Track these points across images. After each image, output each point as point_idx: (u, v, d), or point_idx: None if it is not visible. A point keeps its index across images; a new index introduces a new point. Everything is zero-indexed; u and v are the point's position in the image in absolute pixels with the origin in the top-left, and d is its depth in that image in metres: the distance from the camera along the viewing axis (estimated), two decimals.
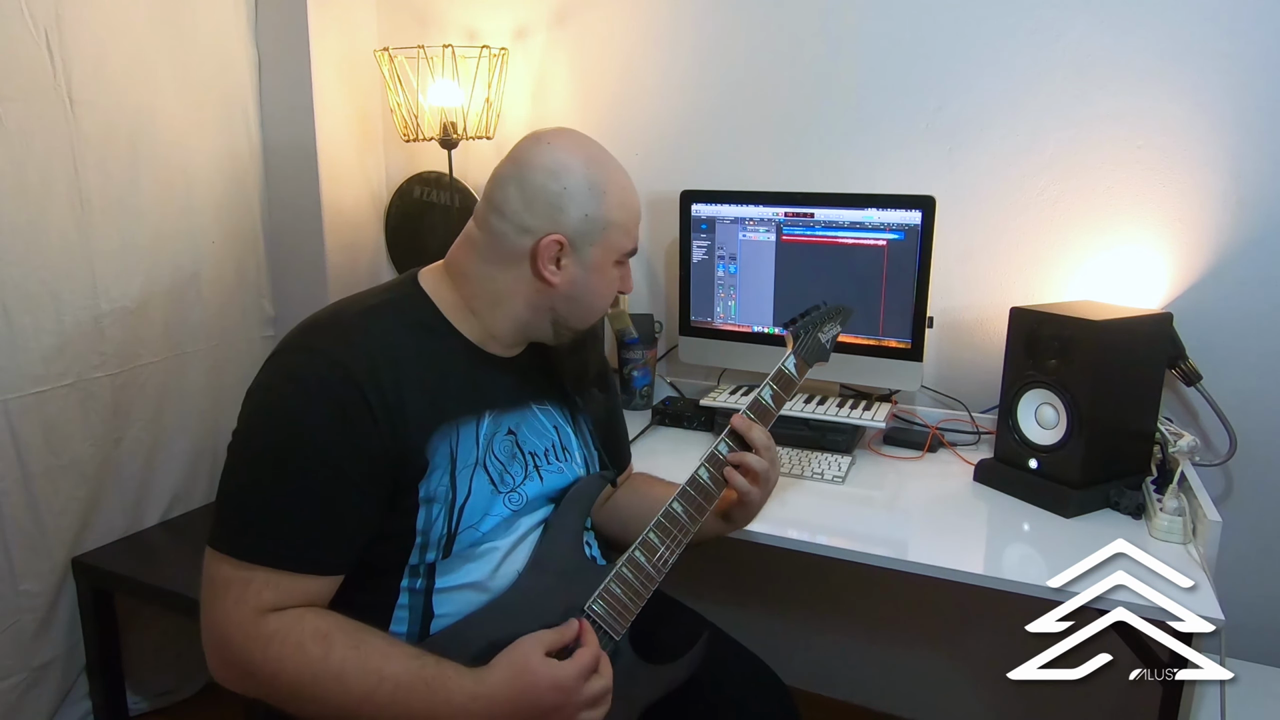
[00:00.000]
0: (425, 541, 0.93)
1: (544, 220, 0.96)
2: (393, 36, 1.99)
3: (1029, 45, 1.55)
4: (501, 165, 1.01)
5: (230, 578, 0.86)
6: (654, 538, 1.03)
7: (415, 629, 0.95)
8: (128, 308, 1.69)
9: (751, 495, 1.11)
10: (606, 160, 1.01)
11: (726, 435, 1.11)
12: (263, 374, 0.92)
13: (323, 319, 0.97)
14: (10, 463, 1.52)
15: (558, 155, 0.98)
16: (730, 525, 1.18)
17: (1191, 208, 1.50)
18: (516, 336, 1.04)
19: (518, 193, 0.97)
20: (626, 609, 1.01)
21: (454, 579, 0.96)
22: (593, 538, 1.13)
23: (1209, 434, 1.54)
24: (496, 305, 1.00)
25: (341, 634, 0.86)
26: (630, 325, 1.80)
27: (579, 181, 0.97)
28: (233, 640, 0.85)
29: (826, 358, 1.22)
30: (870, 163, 1.71)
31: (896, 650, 1.89)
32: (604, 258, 1.01)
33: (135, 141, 1.68)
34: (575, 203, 0.97)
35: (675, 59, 1.84)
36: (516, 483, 1.00)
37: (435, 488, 0.93)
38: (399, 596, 0.95)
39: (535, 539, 1.02)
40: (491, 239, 0.99)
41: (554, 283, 0.98)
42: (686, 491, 1.06)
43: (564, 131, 1.02)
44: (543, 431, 1.07)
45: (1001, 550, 1.33)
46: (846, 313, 1.25)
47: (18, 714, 1.59)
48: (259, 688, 0.87)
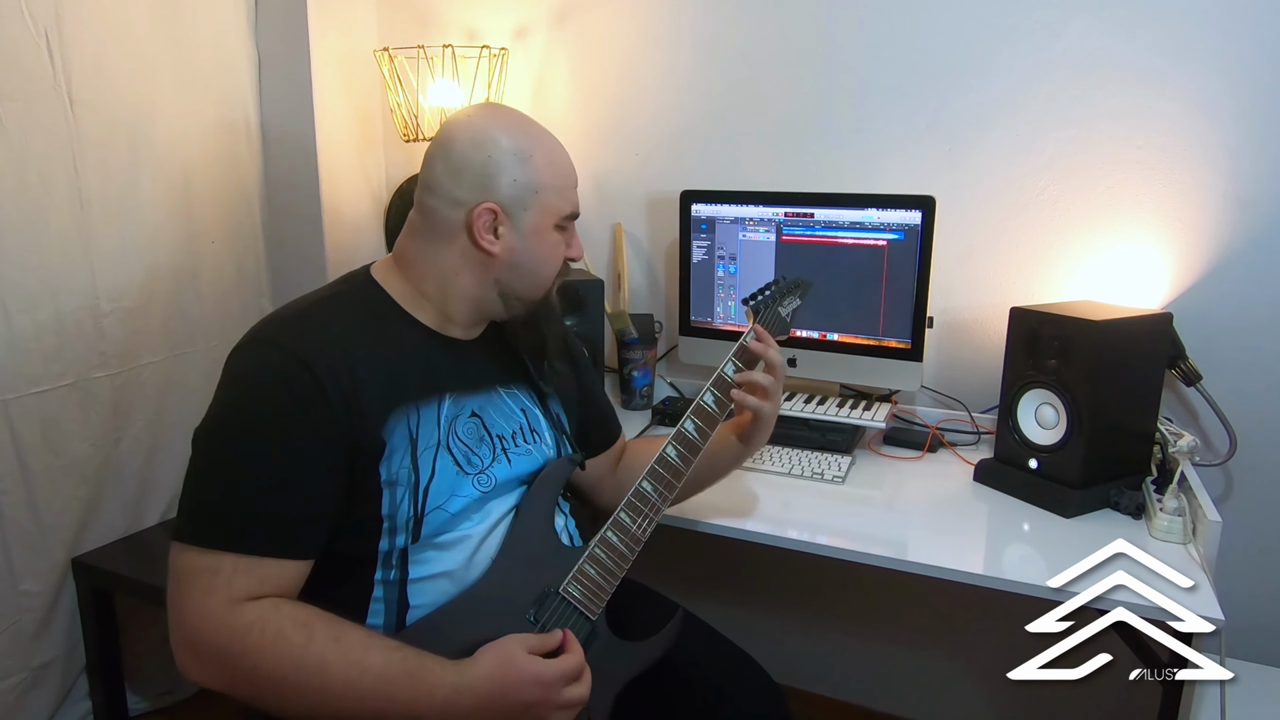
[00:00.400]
0: (392, 525, 0.94)
1: (474, 190, 0.98)
2: (393, 36, 1.99)
3: (1029, 45, 1.55)
4: (430, 146, 1.02)
5: (198, 567, 0.86)
6: (625, 517, 1.05)
7: (391, 620, 0.95)
8: (128, 308, 1.69)
9: (764, 410, 1.13)
10: (530, 126, 1.03)
11: (733, 356, 1.13)
12: (223, 372, 0.94)
13: (277, 314, 1.00)
14: (10, 463, 1.52)
15: (478, 124, 0.99)
16: (749, 448, 1.21)
17: (1191, 208, 1.50)
18: (472, 316, 1.05)
19: (444, 166, 0.99)
20: (601, 589, 1.02)
21: (428, 569, 0.96)
22: (571, 521, 1.14)
23: (1209, 434, 1.54)
24: (444, 285, 1.02)
25: (322, 624, 0.86)
26: (630, 325, 1.81)
27: (502, 148, 0.98)
28: (205, 631, 0.85)
29: (787, 331, 1.22)
30: (870, 163, 1.71)
31: (896, 650, 1.89)
32: (541, 222, 1.02)
33: (135, 141, 1.68)
34: (502, 169, 0.98)
35: (675, 59, 1.84)
36: (485, 464, 1.01)
37: (396, 470, 0.94)
38: (374, 589, 0.95)
39: (507, 525, 1.03)
40: (427, 218, 1.00)
41: (494, 252, 1.00)
42: (655, 470, 1.07)
43: (486, 105, 1.05)
44: (510, 414, 1.07)
45: (1001, 550, 1.33)
46: (805, 286, 1.26)
47: (18, 714, 1.59)
48: (236, 681, 0.86)
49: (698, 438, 1.09)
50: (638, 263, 1.95)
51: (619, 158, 1.91)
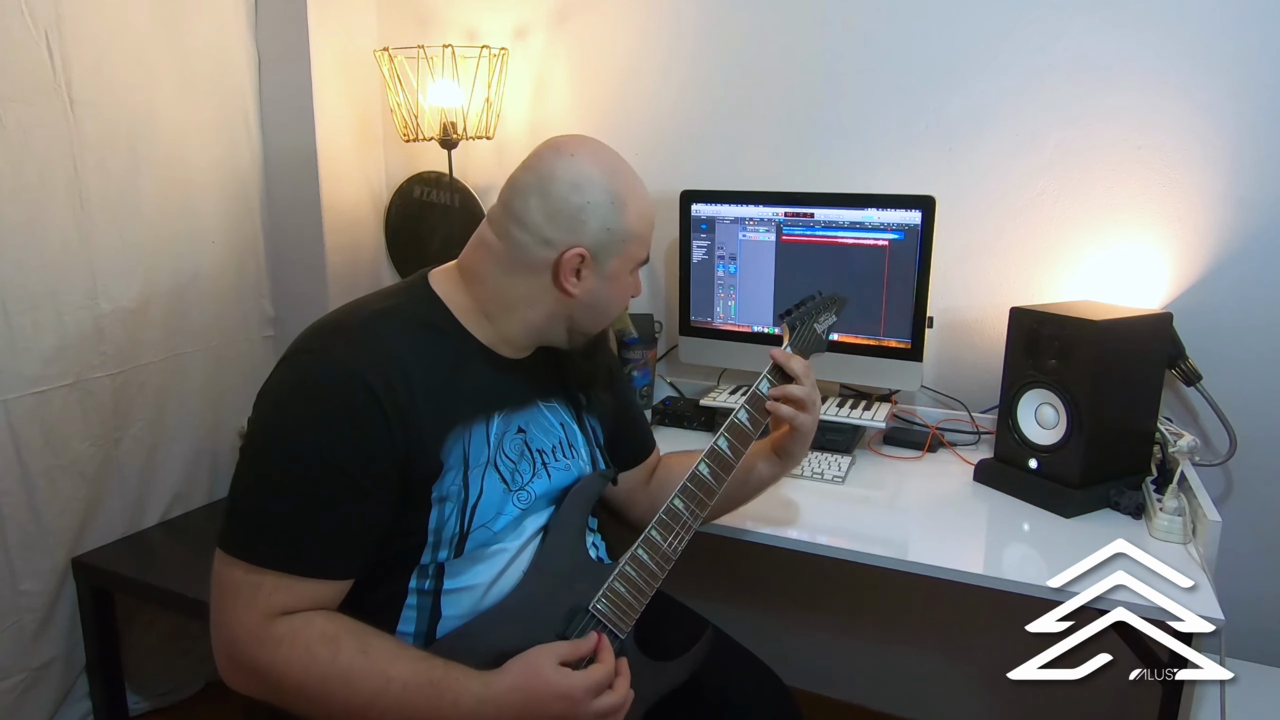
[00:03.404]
0: (437, 541, 0.93)
1: (566, 233, 0.96)
2: (393, 36, 1.99)
3: (1029, 45, 1.55)
4: (521, 174, 0.99)
5: (240, 582, 0.86)
6: (656, 534, 1.03)
7: (423, 628, 0.95)
8: (127, 308, 1.69)
9: (801, 421, 1.12)
10: (626, 172, 1.01)
11: (768, 373, 1.12)
12: (274, 377, 0.92)
13: (334, 322, 0.96)
14: (10, 463, 1.52)
15: (580, 167, 0.97)
16: (789, 461, 1.19)
17: (1191, 208, 1.50)
18: (528, 340, 1.04)
19: (540, 204, 0.96)
20: (631, 607, 1.01)
21: (462, 580, 0.96)
22: (599, 538, 1.13)
23: (1209, 434, 1.54)
24: (511, 311, 1.00)
25: (349, 637, 0.86)
26: (630, 325, 1.81)
27: (601, 195, 0.97)
28: (241, 643, 0.86)
29: (823, 348, 1.22)
30: (870, 163, 1.71)
31: (896, 650, 1.89)
32: (622, 268, 1.02)
33: (135, 141, 1.68)
34: (597, 216, 0.97)
35: (675, 59, 1.84)
36: (525, 480, 1.01)
37: (449, 488, 0.93)
38: (407, 596, 0.95)
39: (540, 540, 1.03)
40: (511, 249, 0.98)
41: (574, 294, 0.99)
42: (687, 487, 1.06)
43: (584, 140, 1.01)
44: (549, 429, 1.07)
45: (1001, 550, 1.33)
46: (841, 302, 1.25)
47: (18, 714, 1.60)
48: (267, 690, 0.87)
49: (731, 455, 1.08)
50: None
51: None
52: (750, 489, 1.21)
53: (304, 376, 0.91)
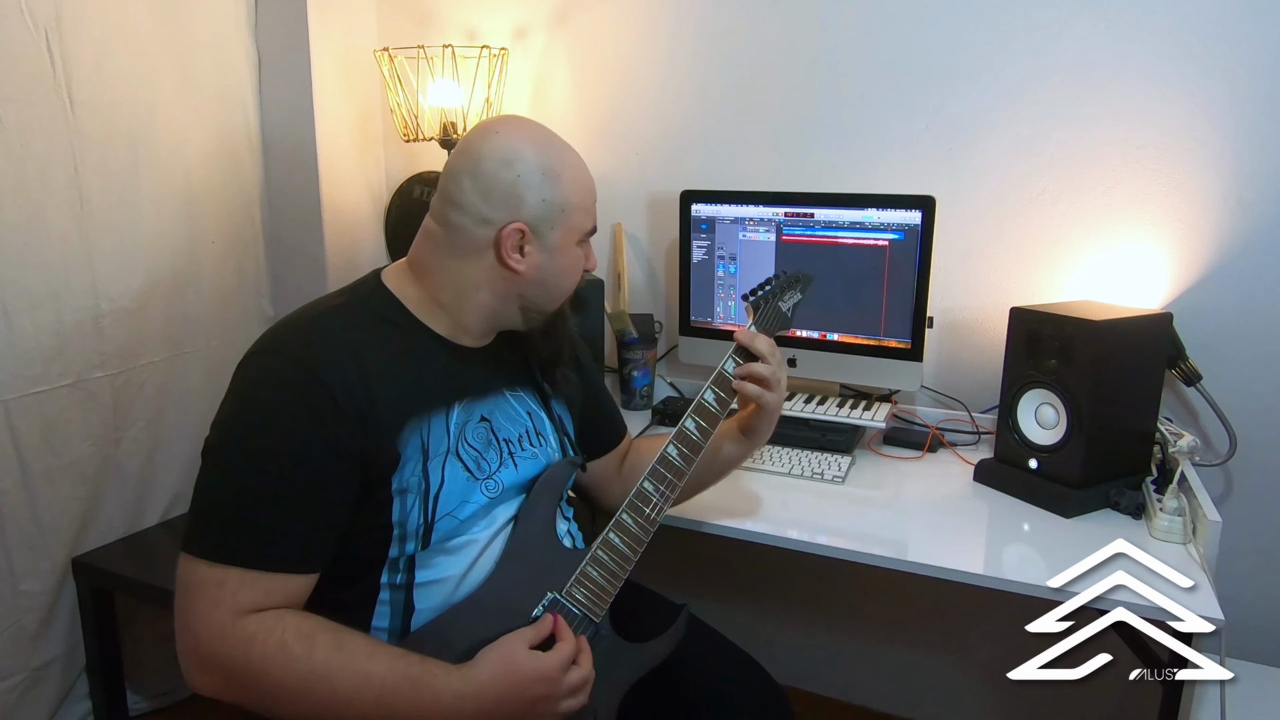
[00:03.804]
0: (402, 533, 0.94)
1: (502, 210, 0.97)
2: (393, 36, 1.99)
3: (1029, 45, 1.55)
4: (453, 159, 1.01)
5: (205, 579, 0.86)
6: (627, 518, 1.04)
7: (397, 624, 0.95)
8: (128, 308, 1.69)
9: (767, 399, 1.12)
10: (557, 143, 1.02)
11: (733, 353, 1.12)
12: (233, 379, 0.93)
13: (288, 322, 0.98)
14: (10, 463, 1.52)
15: (508, 143, 0.98)
16: (755, 440, 1.19)
17: (1191, 208, 1.50)
18: (486, 326, 1.05)
19: (473, 185, 0.97)
20: (604, 591, 1.02)
21: (433, 573, 0.97)
22: (574, 526, 1.14)
23: (1209, 434, 1.54)
24: (463, 297, 1.01)
25: (324, 634, 0.86)
26: (630, 325, 1.81)
27: (532, 167, 0.97)
28: (209, 643, 0.85)
29: (788, 326, 1.21)
30: (870, 163, 1.71)
31: (896, 650, 1.89)
32: (566, 239, 1.02)
33: (135, 141, 1.68)
34: (531, 189, 0.97)
35: (675, 59, 1.84)
36: (492, 469, 1.01)
37: (408, 479, 0.94)
38: (380, 592, 0.95)
39: (510, 530, 1.03)
40: (452, 234, 0.99)
41: (519, 270, 0.99)
42: (656, 469, 1.06)
43: (513, 118, 1.02)
44: (515, 417, 1.07)
45: (1001, 550, 1.32)
46: (807, 280, 1.23)
47: (18, 714, 1.59)
48: (238, 689, 0.86)
49: (699, 436, 1.09)
50: (638, 263, 1.95)
51: (619, 158, 1.91)
52: (718, 469, 1.22)
53: (260, 375, 0.92)
